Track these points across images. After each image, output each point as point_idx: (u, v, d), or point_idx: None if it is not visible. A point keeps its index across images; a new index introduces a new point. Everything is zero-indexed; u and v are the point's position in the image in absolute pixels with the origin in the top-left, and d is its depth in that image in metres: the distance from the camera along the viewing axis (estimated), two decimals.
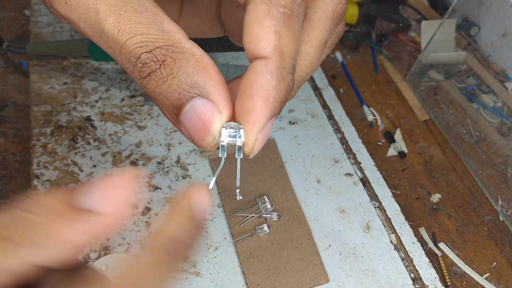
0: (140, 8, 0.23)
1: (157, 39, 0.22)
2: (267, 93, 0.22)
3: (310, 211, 0.54)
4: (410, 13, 0.79)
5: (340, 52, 0.73)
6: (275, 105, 0.23)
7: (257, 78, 0.22)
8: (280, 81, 0.22)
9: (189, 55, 0.22)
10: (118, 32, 0.22)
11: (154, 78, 0.22)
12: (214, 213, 0.53)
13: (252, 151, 0.24)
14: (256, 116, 0.22)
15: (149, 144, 0.59)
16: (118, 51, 0.23)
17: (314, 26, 0.25)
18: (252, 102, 0.22)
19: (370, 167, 0.59)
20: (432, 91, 0.67)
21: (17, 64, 0.68)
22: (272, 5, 0.22)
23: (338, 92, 0.68)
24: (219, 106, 0.22)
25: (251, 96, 0.22)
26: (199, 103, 0.22)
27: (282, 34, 0.22)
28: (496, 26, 0.64)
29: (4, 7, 0.75)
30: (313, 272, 0.49)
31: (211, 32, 0.33)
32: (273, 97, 0.22)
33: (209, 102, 0.22)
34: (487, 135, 0.60)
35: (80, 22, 0.23)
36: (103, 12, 0.22)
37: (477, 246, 0.54)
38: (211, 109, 0.22)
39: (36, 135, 0.58)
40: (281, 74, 0.22)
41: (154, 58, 0.22)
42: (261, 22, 0.22)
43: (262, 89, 0.22)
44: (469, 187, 0.59)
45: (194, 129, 0.23)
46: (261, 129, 0.23)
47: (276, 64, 0.22)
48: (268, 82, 0.22)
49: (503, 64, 0.64)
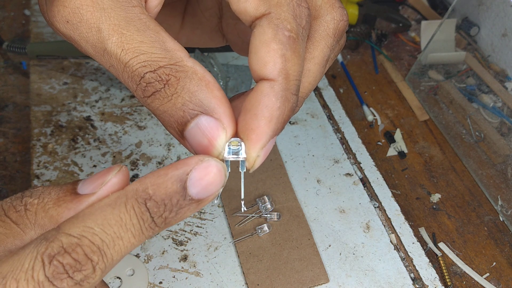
0: (142, 27, 0.23)
1: (160, 58, 0.22)
2: (271, 114, 0.23)
3: (310, 211, 0.54)
4: (410, 13, 0.79)
5: (340, 52, 0.73)
6: (277, 125, 0.23)
7: (262, 98, 0.23)
8: (284, 103, 0.23)
9: (192, 74, 0.23)
10: (121, 51, 0.23)
11: (159, 97, 0.23)
12: (214, 213, 0.53)
13: (253, 167, 0.25)
14: (259, 135, 0.23)
15: (149, 144, 0.59)
16: (121, 70, 0.23)
17: (316, 44, 0.26)
18: (256, 121, 0.23)
19: (370, 167, 0.59)
20: (432, 91, 0.67)
21: (17, 64, 0.68)
22: (278, 29, 0.23)
23: (338, 92, 0.68)
24: (223, 123, 0.23)
25: (256, 115, 0.23)
26: (204, 120, 0.23)
27: (288, 57, 0.23)
28: (496, 26, 0.64)
29: (4, 7, 0.75)
30: (313, 272, 0.49)
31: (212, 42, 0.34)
32: (276, 117, 0.23)
33: (214, 120, 0.23)
34: (487, 135, 0.60)
35: (82, 41, 0.24)
36: (106, 31, 0.23)
37: (477, 246, 0.54)
38: (216, 126, 0.23)
39: (36, 135, 0.58)
40: (286, 96, 0.23)
41: (158, 77, 0.22)
42: (268, 46, 0.23)
43: (267, 110, 0.23)
44: (469, 187, 0.59)
45: (199, 145, 0.23)
46: (262, 147, 0.24)
47: (282, 87, 0.23)
48: (272, 103, 0.23)
49: (503, 64, 0.64)
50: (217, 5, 0.32)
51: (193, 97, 0.22)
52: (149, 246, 0.50)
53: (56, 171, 0.55)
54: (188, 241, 0.51)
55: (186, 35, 0.34)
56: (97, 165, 0.56)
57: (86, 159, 0.57)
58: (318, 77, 0.27)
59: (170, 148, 0.59)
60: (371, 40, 0.75)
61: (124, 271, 0.48)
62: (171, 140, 0.59)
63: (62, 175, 0.55)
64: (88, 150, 0.58)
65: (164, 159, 0.58)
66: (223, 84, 0.64)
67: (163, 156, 0.58)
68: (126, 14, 0.23)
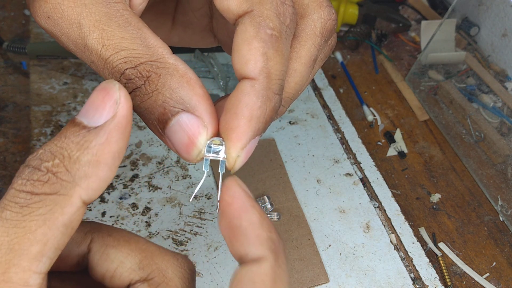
0: (123, 23, 0.23)
1: (141, 55, 0.22)
2: (251, 113, 0.23)
3: (310, 211, 0.54)
4: (410, 13, 0.79)
5: (340, 52, 0.73)
6: (258, 125, 0.23)
7: (243, 97, 0.22)
8: (265, 102, 0.23)
9: (173, 70, 0.22)
10: (102, 47, 0.22)
11: (139, 94, 0.22)
12: (214, 213, 0.53)
13: (233, 167, 0.24)
14: (239, 135, 0.23)
15: (149, 144, 0.59)
16: (102, 66, 0.23)
17: (302, 43, 0.26)
18: (236, 120, 0.23)
19: (370, 167, 0.59)
20: (432, 91, 0.67)
21: (17, 64, 0.68)
22: (260, 27, 0.22)
23: (338, 92, 0.68)
24: (204, 120, 0.23)
25: (236, 114, 0.23)
26: (184, 117, 0.22)
27: (270, 56, 0.23)
28: (496, 26, 0.64)
29: (4, 7, 0.75)
30: (313, 272, 0.49)
31: (204, 42, 0.34)
32: (257, 117, 0.23)
33: (194, 117, 0.22)
34: (487, 135, 0.60)
35: (63, 37, 0.23)
36: (87, 27, 0.22)
37: (477, 246, 0.54)
38: (196, 123, 0.22)
39: (36, 135, 0.58)
40: (267, 95, 0.23)
41: (139, 74, 0.22)
42: (249, 44, 0.22)
43: (247, 109, 0.22)
44: (469, 187, 0.59)
45: (180, 142, 0.23)
46: (243, 147, 0.23)
47: (263, 86, 0.23)
48: (253, 103, 0.22)
49: (503, 64, 0.64)
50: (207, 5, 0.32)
51: (173, 94, 0.22)
52: None
53: None
54: (188, 241, 0.51)
55: (178, 34, 0.33)
56: None
57: None
58: (305, 77, 0.26)
59: (170, 148, 0.59)
60: (371, 40, 0.75)
61: None
62: None
63: None
64: None
65: (164, 159, 0.58)
66: (223, 84, 0.64)
67: (163, 156, 0.58)
68: (108, 10, 0.22)
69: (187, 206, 0.54)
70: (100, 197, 0.54)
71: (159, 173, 0.56)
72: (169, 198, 0.54)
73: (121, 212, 0.53)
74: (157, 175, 0.56)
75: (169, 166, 0.57)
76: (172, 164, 0.57)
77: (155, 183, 0.55)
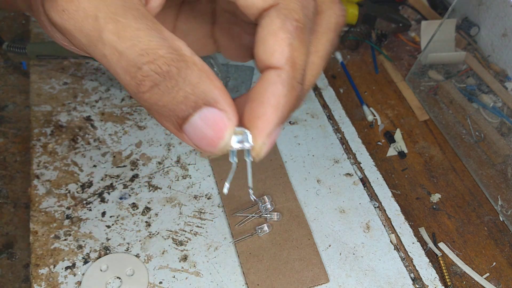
0: (139, 15, 0.22)
1: (159, 47, 0.22)
2: (277, 101, 0.23)
3: (310, 211, 0.54)
4: (410, 13, 0.79)
5: (340, 52, 0.73)
6: (284, 113, 0.23)
7: (269, 86, 0.23)
8: (290, 91, 0.23)
9: (192, 64, 0.22)
10: (117, 39, 0.22)
11: (157, 91, 0.22)
12: (214, 213, 0.53)
13: (259, 155, 0.24)
14: (265, 122, 0.23)
15: (149, 144, 0.59)
16: (116, 60, 0.22)
17: (319, 37, 0.26)
18: (263, 109, 0.23)
19: (370, 167, 0.59)
20: (432, 91, 0.67)
21: (17, 64, 0.68)
22: (286, 19, 0.23)
23: (338, 92, 0.68)
24: (228, 113, 0.23)
25: (262, 103, 0.23)
26: (208, 112, 0.22)
27: (295, 46, 0.23)
28: (496, 26, 0.64)
29: None
30: (313, 272, 0.49)
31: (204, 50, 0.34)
32: (283, 105, 0.23)
33: (218, 111, 0.22)
34: (487, 135, 0.60)
35: (76, 31, 0.23)
36: (103, 19, 0.22)
37: (477, 246, 0.54)
38: (221, 117, 0.22)
39: (36, 135, 0.58)
40: (292, 84, 0.23)
41: (158, 69, 0.21)
42: (276, 35, 0.23)
43: (274, 97, 0.23)
44: (469, 187, 0.59)
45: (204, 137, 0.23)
46: (269, 135, 0.24)
47: (288, 75, 0.23)
48: (279, 91, 0.23)
49: (503, 64, 0.64)
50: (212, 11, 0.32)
51: (195, 89, 0.22)
52: (149, 246, 0.50)
53: (56, 171, 0.55)
54: (188, 241, 0.51)
55: None
56: (97, 165, 0.56)
57: (86, 159, 0.57)
58: (320, 71, 0.27)
59: (170, 148, 0.59)
60: (371, 40, 0.75)
61: (124, 271, 0.48)
62: (171, 140, 0.59)
63: (62, 175, 0.55)
64: (88, 150, 0.58)
65: (164, 159, 0.58)
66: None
67: (163, 156, 0.58)
68: (124, 3, 0.22)
69: (187, 206, 0.54)
70: (100, 197, 0.54)
71: (159, 173, 0.56)
72: (169, 198, 0.54)
73: (121, 212, 0.53)
74: (157, 175, 0.56)
75: (169, 166, 0.57)
76: (172, 164, 0.57)
77: (155, 183, 0.55)
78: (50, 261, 0.49)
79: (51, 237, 0.50)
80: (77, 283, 0.47)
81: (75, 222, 0.52)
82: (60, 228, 0.51)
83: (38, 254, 0.49)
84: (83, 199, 0.54)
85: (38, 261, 0.49)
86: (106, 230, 0.51)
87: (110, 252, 0.50)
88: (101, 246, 0.50)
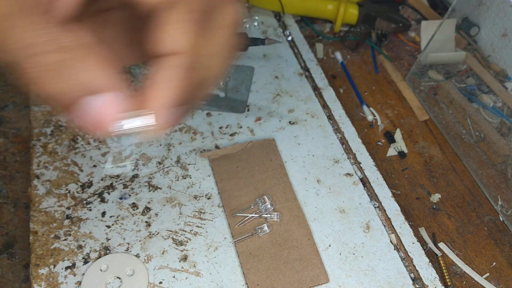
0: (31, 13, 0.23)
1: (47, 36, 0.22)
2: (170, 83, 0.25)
3: (310, 211, 0.54)
4: (410, 13, 0.79)
5: (340, 52, 0.73)
6: (177, 94, 0.25)
7: (163, 70, 0.25)
8: (182, 74, 0.25)
9: (81, 52, 0.23)
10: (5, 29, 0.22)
11: (46, 79, 0.23)
12: (214, 213, 0.53)
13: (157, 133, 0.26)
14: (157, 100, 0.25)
15: (149, 144, 0.59)
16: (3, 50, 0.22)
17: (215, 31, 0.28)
18: (157, 91, 0.25)
19: (370, 167, 0.59)
20: (432, 91, 0.67)
21: None
22: (185, 8, 0.25)
23: (338, 92, 0.68)
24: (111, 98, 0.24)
25: (156, 85, 0.25)
26: (96, 97, 0.23)
27: (192, 35, 0.25)
28: (496, 26, 0.64)
29: None
30: (313, 272, 0.49)
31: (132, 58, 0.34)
32: (175, 86, 0.25)
33: (105, 96, 0.24)
34: (487, 135, 0.60)
35: None
36: None
37: (477, 246, 0.54)
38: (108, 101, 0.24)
39: (36, 135, 0.58)
40: (184, 67, 0.25)
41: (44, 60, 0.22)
42: (175, 23, 0.24)
43: (166, 79, 0.25)
44: (469, 187, 0.59)
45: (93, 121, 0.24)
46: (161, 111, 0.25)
47: (184, 60, 0.25)
48: (171, 75, 0.25)
49: (503, 64, 0.64)
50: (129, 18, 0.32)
51: (82, 76, 0.23)
52: (149, 246, 0.50)
53: (56, 171, 0.55)
54: (188, 241, 0.51)
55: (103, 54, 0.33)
56: (97, 165, 0.56)
57: (86, 159, 0.57)
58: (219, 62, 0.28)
59: (170, 148, 0.59)
60: (371, 40, 0.75)
61: (124, 271, 0.48)
62: (171, 140, 0.59)
63: (62, 175, 0.55)
64: (88, 150, 0.58)
65: (164, 159, 0.58)
66: (223, 84, 0.64)
67: (163, 156, 0.58)
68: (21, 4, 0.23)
69: (187, 206, 0.54)
70: (100, 197, 0.54)
71: (159, 173, 0.56)
72: (169, 198, 0.54)
73: (121, 212, 0.53)
74: (157, 175, 0.56)
75: (169, 166, 0.57)
76: (172, 164, 0.57)
77: (155, 183, 0.55)
78: (50, 261, 0.49)
79: (51, 237, 0.50)
80: (77, 283, 0.47)
81: (75, 222, 0.52)
82: (60, 228, 0.51)
83: (38, 254, 0.49)
84: (83, 199, 0.54)
85: (38, 261, 0.49)
86: (106, 230, 0.51)
87: (110, 252, 0.50)
88: (101, 246, 0.50)
